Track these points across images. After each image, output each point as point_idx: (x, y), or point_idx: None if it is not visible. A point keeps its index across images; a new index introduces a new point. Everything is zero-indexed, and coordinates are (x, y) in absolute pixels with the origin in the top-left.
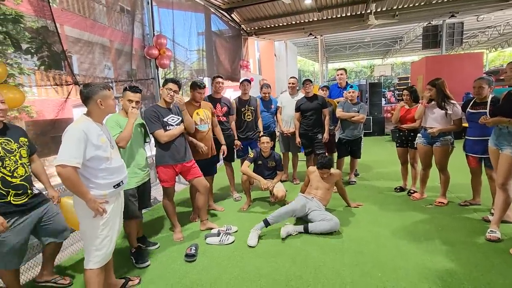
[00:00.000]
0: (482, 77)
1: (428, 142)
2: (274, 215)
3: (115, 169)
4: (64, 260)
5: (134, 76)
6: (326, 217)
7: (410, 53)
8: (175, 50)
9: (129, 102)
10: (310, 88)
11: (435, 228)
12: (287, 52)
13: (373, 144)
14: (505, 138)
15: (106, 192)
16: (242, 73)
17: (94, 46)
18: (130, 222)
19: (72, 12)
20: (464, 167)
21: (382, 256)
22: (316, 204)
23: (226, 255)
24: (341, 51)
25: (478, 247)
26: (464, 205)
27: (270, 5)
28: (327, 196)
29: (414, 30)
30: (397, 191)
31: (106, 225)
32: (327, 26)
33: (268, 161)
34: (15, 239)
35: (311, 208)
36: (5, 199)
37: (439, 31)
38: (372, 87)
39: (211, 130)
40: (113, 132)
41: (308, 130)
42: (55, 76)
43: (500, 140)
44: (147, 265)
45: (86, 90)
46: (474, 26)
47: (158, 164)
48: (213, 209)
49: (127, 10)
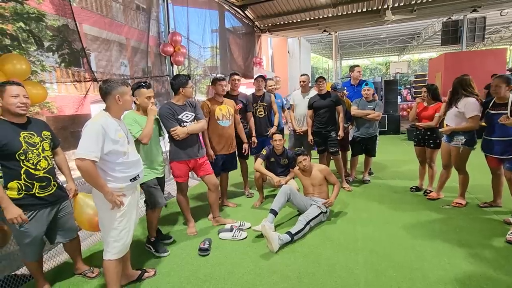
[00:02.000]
0: (501, 75)
1: (447, 139)
2: (274, 203)
3: (132, 163)
4: (83, 251)
5: (149, 73)
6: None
7: (428, 50)
8: (189, 47)
9: (147, 99)
10: (323, 86)
11: (453, 229)
12: (300, 49)
13: (388, 143)
14: None
15: (123, 185)
16: (255, 70)
17: (111, 44)
18: (155, 211)
19: (90, 10)
20: (485, 167)
21: (397, 256)
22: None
23: (239, 250)
24: (356, 47)
25: (498, 250)
26: (484, 207)
27: (284, 1)
28: (323, 189)
29: (432, 26)
30: (413, 191)
31: (123, 216)
32: (342, 22)
33: (280, 158)
34: (35, 231)
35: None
36: (30, 192)
37: (460, 27)
38: (388, 85)
39: (233, 127)
40: (135, 130)
41: (321, 128)
42: (74, 73)
43: None
44: (167, 254)
45: (105, 86)
46: (497, 21)
47: (172, 159)
48: (226, 205)
49: (143, 8)
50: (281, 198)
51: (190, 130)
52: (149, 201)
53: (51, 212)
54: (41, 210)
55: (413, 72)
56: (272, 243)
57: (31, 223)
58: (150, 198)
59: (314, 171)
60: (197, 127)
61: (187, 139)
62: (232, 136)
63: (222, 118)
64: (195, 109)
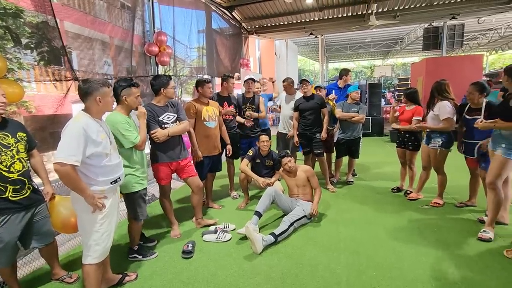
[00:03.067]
0: (476, 82)
1: (426, 142)
2: (258, 205)
3: (114, 166)
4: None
5: (134, 73)
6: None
7: (410, 54)
8: (175, 47)
9: (137, 98)
10: (307, 88)
11: (431, 229)
12: (287, 51)
13: (371, 145)
14: (498, 140)
15: (105, 188)
16: (242, 72)
17: (94, 42)
18: (139, 223)
19: (72, 7)
20: (462, 168)
21: (377, 256)
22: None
23: (223, 252)
24: (342, 51)
25: (473, 248)
26: (460, 206)
27: (271, 3)
28: (307, 191)
29: (415, 31)
30: (394, 191)
31: (105, 219)
32: (328, 26)
33: (266, 160)
34: (8, 236)
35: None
36: (3, 195)
37: (440, 33)
38: (372, 88)
39: (218, 128)
40: (133, 136)
41: (306, 129)
42: (54, 72)
43: (495, 142)
44: (155, 256)
45: (85, 86)
46: (474, 28)
47: (153, 162)
48: (210, 207)
49: (128, 6)
50: (265, 200)
51: (171, 132)
52: (136, 212)
53: (25, 216)
54: (14, 214)
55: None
56: (256, 245)
57: (4, 228)
58: (138, 209)
59: (299, 172)
60: (179, 129)
61: (168, 141)
62: (217, 137)
63: (208, 119)
64: (177, 109)
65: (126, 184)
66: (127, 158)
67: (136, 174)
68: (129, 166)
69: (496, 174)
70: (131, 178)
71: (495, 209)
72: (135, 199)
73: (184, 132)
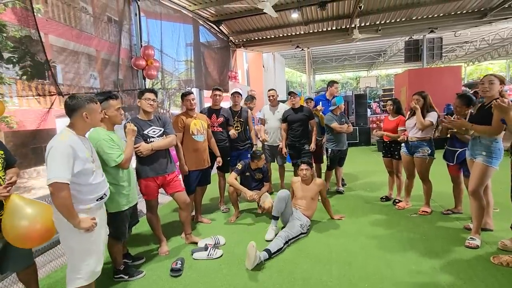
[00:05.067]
0: (462, 96)
1: (409, 152)
2: (274, 209)
3: (98, 183)
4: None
5: (120, 86)
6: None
7: (393, 66)
8: (163, 61)
9: (117, 110)
10: (295, 100)
11: (420, 237)
12: (275, 64)
13: (360, 154)
14: (477, 148)
15: (91, 206)
16: (230, 84)
17: (79, 56)
18: (119, 243)
19: (57, 21)
20: (448, 176)
21: (369, 266)
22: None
23: (213, 269)
24: (328, 63)
25: (461, 255)
26: (447, 214)
27: (258, 18)
28: (312, 206)
29: (396, 44)
30: (383, 200)
31: (92, 236)
32: (313, 39)
33: (255, 173)
34: None
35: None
36: None
37: (420, 45)
38: (358, 98)
39: (207, 141)
40: (115, 154)
41: (295, 141)
42: (38, 86)
43: (474, 149)
44: (142, 275)
45: (72, 103)
46: (452, 41)
47: (139, 177)
48: (200, 221)
49: (115, 20)
50: (281, 204)
51: (155, 147)
52: (118, 230)
53: (2, 239)
54: None
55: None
56: (251, 261)
57: None
58: (120, 229)
59: (312, 185)
60: (164, 143)
61: (154, 155)
62: (206, 150)
63: (197, 133)
64: (163, 123)
65: (113, 203)
66: (113, 175)
67: (123, 192)
68: (116, 184)
69: (478, 182)
70: (117, 196)
71: (479, 216)
72: (121, 218)
73: (170, 146)
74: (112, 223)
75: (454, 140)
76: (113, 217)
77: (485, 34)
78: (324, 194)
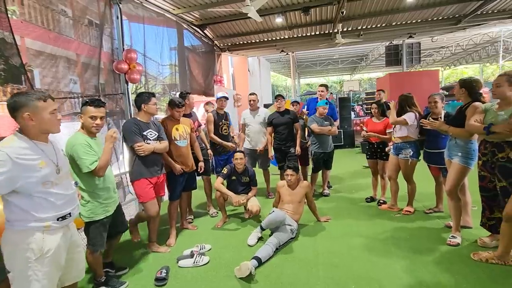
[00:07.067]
0: (436, 93)
1: (395, 153)
2: (265, 222)
3: (62, 198)
4: None
5: (102, 91)
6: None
7: (375, 70)
8: (147, 65)
9: (91, 119)
10: (282, 103)
11: (404, 237)
12: (260, 68)
13: (344, 157)
14: (454, 149)
15: (49, 224)
16: (216, 88)
17: (58, 60)
18: (96, 253)
19: (34, 24)
20: (430, 176)
21: (355, 268)
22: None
23: (199, 276)
24: (312, 67)
25: (443, 253)
26: (429, 213)
27: (243, 22)
28: (299, 210)
29: (378, 49)
30: (368, 201)
31: (43, 264)
32: (297, 44)
33: (242, 177)
34: None
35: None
36: None
37: (400, 50)
38: (342, 102)
39: (189, 146)
40: (89, 160)
41: (281, 144)
42: (12, 91)
43: (451, 150)
44: (126, 286)
45: (11, 101)
46: (430, 46)
47: (133, 179)
48: (185, 228)
49: (96, 23)
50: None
51: (156, 149)
52: (93, 240)
53: None
54: None
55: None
56: (241, 271)
57: None
58: (97, 239)
59: (298, 188)
60: (162, 147)
61: (151, 155)
62: (190, 155)
63: (179, 138)
64: (158, 129)
65: (86, 211)
66: (88, 182)
67: (98, 201)
68: (91, 191)
69: (455, 181)
70: (91, 204)
71: (457, 215)
72: (96, 227)
73: (165, 151)
74: (87, 233)
75: (432, 141)
76: (88, 226)
77: (460, 39)
78: (310, 197)
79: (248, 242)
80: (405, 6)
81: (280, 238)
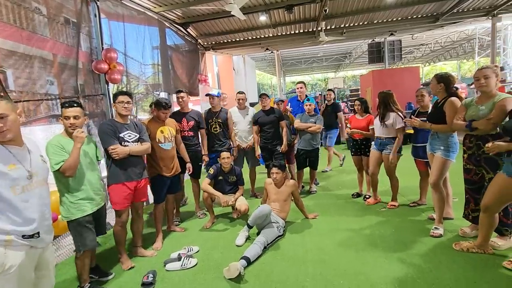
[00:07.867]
0: (423, 87)
1: (378, 148)
2: (251, 218)
3: (29, 208)
4: None
5: (82, 92)
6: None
7: (358, 67)
8: (128, 64)
9: (65, 119)
10: (266, 102)
11: (389, 231)
12: (245, 66)
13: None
14: (436, 143)
15: (10, 237)
16: (201, 87)
17: (32, 60)
18: (85, 255)
19: (6, 22)
20: (413, 171)
21: (343, 263)
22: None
23: (187, 279)
24: (297, 65)
25: (427, 245)
26: (413, 206)
27: (226, 20)
28: (285, 208)
29: (361, 46)
30: (354, 197)
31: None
32: (282, 42)
33: (229, 176)
34: None
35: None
36: None
37: (382, 48)
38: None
39: (175, 149)
40: (55, 160)
41: (267, 143)
42: None
43: (433, 144)
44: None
45: None
46: (410, 44)
47: (109, 183)
48: (172, 230)
49: (73, 22)
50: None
51: (132, 151)
52: (75, 242)
53: None
54: None
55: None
56: (230, 272)
57: None
58: (77, 239)
59: (284, 187)
60: (141, 149)
61: (128, 158)
62: (175, 158)
63: (164, 141)
64: (140, 130)
65: (64, 211)
66: (62, 182)
67: (72, 201)
68: (66, 192)
69: (438, 174)
70: (66, 205)
71: (441, 207)
72: (74, 227)
73: (145, 153)
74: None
75: (419, 135)
76: (68, 226)
77: (438, 37)
78: (296, 195)
79: (236, 243)
80: (386, 4)
81: (267, 236)
